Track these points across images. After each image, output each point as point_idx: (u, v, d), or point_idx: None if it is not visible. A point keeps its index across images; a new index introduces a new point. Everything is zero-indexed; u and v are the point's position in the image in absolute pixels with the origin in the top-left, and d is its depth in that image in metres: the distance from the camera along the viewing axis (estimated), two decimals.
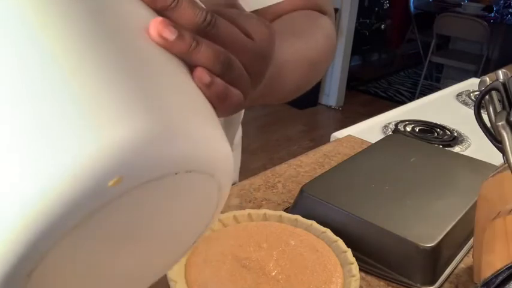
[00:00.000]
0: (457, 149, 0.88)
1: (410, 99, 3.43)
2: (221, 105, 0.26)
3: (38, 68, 0.19)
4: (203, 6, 0.26)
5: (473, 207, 0.51)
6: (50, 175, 0.18)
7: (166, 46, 0.23)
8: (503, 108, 0.42)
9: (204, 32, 0.25)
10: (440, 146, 0.87)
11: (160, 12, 0.24)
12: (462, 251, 0.57)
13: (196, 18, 0.25)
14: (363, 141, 0.87)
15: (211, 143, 0.23)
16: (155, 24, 0.23)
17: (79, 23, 0.21)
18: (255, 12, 0.52)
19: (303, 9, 0.54)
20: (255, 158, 2.59)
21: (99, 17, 0.22)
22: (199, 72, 0.24)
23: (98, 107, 0.19)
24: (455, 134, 0.94)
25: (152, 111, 0.20)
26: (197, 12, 0.25)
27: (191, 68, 0.24)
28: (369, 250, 0.53)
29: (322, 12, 0.55)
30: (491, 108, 0.45)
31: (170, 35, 0.23)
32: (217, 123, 0.24)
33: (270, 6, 0.52)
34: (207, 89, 0.24)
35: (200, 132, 0.22)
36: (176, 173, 0.21)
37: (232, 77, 0.26)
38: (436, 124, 0.99)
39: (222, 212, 0.53)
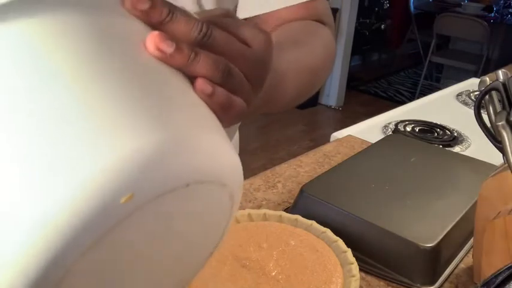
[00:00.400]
0: (457, 149, 0.88)
1: (410, 99, 3.43)
2: (225, 115, 0.25)
3: (45, 86, 0.19)
4: (197, 17, 0.26)
5: (473, 207, 0.51)
6: (61, 195, 0.17)
7: (165, 59, 0.23)
8: (503, 108, 0.42)
9: (201, 43, 0.25)
10: (440, 146, 0.87)
11: (155, 27, 0.24)
12: (462, 251, 0.57)
13: (192, 30, 0.25)
14: (363, 141, 0.87)
15: (220, 153, 0.23)
16: (152, 38, 0.23)
17: (82, 43, 0.21)
18: (256, 18, 0.52)
19: (304, 20, 0.54)
20: (255, 158, 2.58)
21: (101, 36, 0.22)
22: (201, 83, 0.24)
23: (107, 124, 0.19)
24: (455, 134, 0.94)
25: (160, 126, 0.20)
26: (192, 24, 0.25)
27: (191, 80, 0.24)
28: (369, 250, 0.53)
29: (322, 23, 0.56)
30: (491, 108, 0.45)
31: (168, 48, 0.23)
32: (223, 133, 0.24)
33: (271, 15, 0.52)
34: (209, 99, 0.24)
35: (208, 143, 0.22)
36: (188, 185, 0.21)
37: (233, 85, 0.26)
38: (436, 124, 0.99)
39: None
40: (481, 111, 0.46)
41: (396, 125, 0.96)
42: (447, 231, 0.53)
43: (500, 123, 0.40)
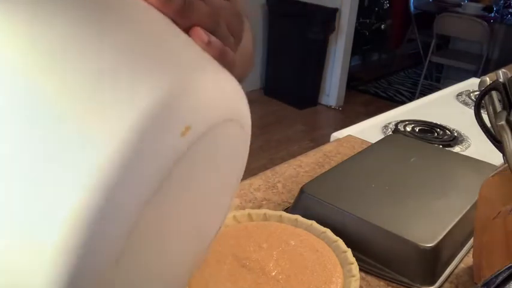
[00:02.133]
0: (457, 149, 0.88)
1: (410, 99, 3.43)
2: (221, 64, 0.27)
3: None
4: None
5: (473, 207, 0.51)
6: (124, 127, 0.17)
7: (161, 7, 0.24)
8: (503, 108, 0.42)
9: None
10: (440, 146, 0.87)
11: None
12: (462, 251, 0.57)
13: None
14: (363, 141, 0.87)
15: (240, 96, 0.24)
16: None
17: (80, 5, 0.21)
18: None
19: None
20: (255, 158, 2.58)
21: None
22: (198, 31, 0.25)
23: (153, 63, 0.19)
24: (455, 134, 0.94)
25: (198, 66, 0.21)
26: None
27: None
28: (369, 250, 0.53)
29: None
30: (491, 108, 0.45)
31: None
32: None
33: None
34: (207, 47, 0.25)
35: (231, 84, 0.24)
36: (231, 120, 0.23)
37: (222, 34, 0.27)
38: (436, 124, 0.99)
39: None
40: (481, 111, 0.46)
41: (396, 125, 0.96)
42: (447, 231, 0.53)
43: (500, 123, 0.40)
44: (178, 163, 0.19)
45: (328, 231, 0.51)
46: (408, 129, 0.95)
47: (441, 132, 0.95)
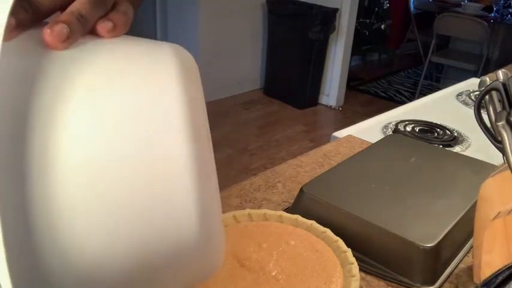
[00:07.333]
0: (457, 149, 0.88)
1: (410, 99, 3.43)
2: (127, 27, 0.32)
3: None
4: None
5: (473, 207, 0.51)
6: None
7: (54, 41, 0.27)
8: (503, 108, 0.42)
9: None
10: (440, 146, 0.87)
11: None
12: (462, 251, 0.57)
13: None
14: (363, 141, 0.87)
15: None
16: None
17: None
18: None
19: None
20: (255, 158, 2.58)
21: None
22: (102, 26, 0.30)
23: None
24: (455, 134, 0.94)
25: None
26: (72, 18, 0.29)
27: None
28: (369, 250, 0.53)
29: None
30: (491, 108, 0.45)
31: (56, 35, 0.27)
32: None
33: None
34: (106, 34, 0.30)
35: None
36: None
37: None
38: (436, 124, 0.99)
39: (222, 212, 0.53)
40: (481, 111, 0.46)
41: (396, 125, 0.96)
42: (447, 231, 0.53)
43: (500, 123, 0.40)
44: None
45: (328, 231, 0.51)
46: (408, 129, 0.95)
47: (441, 132, 0.95)
